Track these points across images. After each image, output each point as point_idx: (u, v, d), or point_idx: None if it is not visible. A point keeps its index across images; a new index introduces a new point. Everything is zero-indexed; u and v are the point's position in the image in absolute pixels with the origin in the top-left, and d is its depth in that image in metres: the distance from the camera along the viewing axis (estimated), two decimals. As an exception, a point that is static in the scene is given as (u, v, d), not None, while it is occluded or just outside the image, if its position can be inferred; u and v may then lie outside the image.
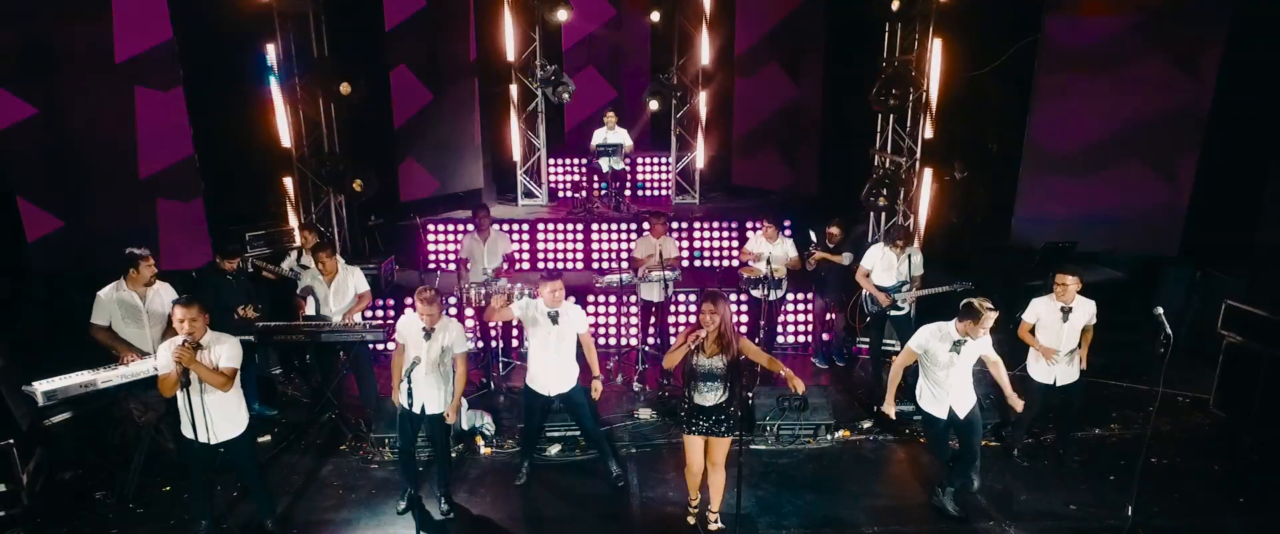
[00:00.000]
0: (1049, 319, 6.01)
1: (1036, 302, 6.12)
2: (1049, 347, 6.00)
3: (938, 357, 5.32)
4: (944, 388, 5.40)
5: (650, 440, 6.82)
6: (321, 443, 6.66)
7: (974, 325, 5.15)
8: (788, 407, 6.80)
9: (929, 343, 5.35)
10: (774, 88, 10.78)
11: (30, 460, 5.50)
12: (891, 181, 8.58)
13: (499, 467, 6.34)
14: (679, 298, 8.62)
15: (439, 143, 10.26)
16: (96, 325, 5.75)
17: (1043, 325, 6.04)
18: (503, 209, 11.15)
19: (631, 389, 7.72)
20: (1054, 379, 6.10)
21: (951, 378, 5.36)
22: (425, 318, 5.23)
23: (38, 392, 5.08)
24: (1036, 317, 6.06)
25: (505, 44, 10.40)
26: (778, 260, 7.83)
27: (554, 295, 5.59)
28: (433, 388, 5.32)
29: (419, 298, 5.24)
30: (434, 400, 5.35)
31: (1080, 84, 8.05)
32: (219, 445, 4.84)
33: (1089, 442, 6.74)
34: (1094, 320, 6.05)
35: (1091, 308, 6.02)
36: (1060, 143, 8.12)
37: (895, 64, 8.42)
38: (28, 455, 5.47)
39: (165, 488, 5.91)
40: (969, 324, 5.17)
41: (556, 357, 5.68)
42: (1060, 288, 5.93)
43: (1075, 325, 5.98)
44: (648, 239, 8.12)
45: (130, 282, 5.84)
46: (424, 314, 5.23)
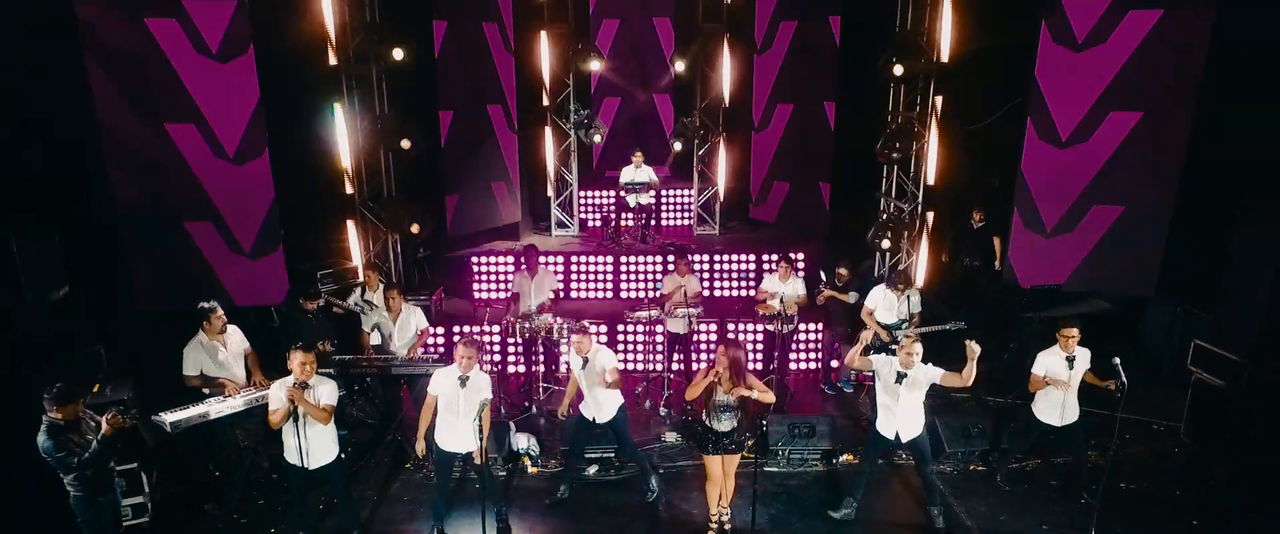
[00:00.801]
0: (1057, 369, 6.63)
1: (1042, 355, 6.69)
2: (1060, 380, 6.57)
3: (887, 381, 6.21)
4: (892, 411, 6.28)
5: (675, 461, 7.72)
6: (388, 461, 7.62)
7: (906, 356, 6.10)
8: (798, 433, 7.68)
9: (880, 365, 6.28)
10: (789, 131, 11.64)
11: (152, 478, 6.51)
12: (895, 225, 9.44)
13: (545, 484, 7.27)
14: (701, 329, 9.50)
15: (481, 181, 11.21)
16: (188, 376, 6.62)
17: (1052, 375, 6.65)
18: (537, 238, 12.10)
19: (658, 413, 8.64)
20: (1058, 420, 6.75)
21: (899, 405, 6.24)
22: (464, 362, 5.89)
23: (166, 422, 6.06)
24: (1045, 368, 6.67)
25: (542, 89, 11.35)
26: (789, 298, 8.71)
27: (581, 344, 6.51)
28: (466, 430, 5.87)
29: (462, 343, 5.96)
30: (468, 441, 5.90)
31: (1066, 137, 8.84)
32: (317, 470, 5.81)
33: (1066, 467, 7.56)
34: (1089, 367, 6.64)
35: (1087, 355, 6.64)
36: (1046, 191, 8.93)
37: (899, 121, 9.29)
38: (149, 474, 6.47)
39: (260, 502, 6.89)
40: (901, 355, 6.13)
41: (593, 390, 6.62)
42: (1064, 340, 6.57)
43: (1078, 371, 6.59)
44: (674, 277, 9.02)
45: (207, 331, 6.73)
46: (463, 358, 5.89)
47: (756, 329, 9.53)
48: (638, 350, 9.75)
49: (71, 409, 5.11)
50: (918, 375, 6.18)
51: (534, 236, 12.16)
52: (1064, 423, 6.77)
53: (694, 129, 11.57)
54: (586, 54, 10.81)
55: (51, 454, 5.05)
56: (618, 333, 9.78)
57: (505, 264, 10.91)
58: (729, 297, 10.91)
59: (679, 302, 8.70)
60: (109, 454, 5.29)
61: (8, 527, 6.26)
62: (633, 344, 9.79)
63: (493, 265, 10.95)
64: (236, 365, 6.75)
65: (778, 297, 8.70)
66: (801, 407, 8.81)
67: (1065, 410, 6.72)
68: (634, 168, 11.53)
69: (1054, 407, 6.74)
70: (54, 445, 5.02)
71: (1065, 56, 8.47)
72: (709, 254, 11.11)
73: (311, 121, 8.90)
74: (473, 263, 10.93)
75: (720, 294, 10.94)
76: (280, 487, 6.92)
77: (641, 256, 11.04)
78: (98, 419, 5.22)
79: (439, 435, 6.09)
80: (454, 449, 6.10)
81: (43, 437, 5.05)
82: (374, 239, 9.69)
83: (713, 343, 9.71)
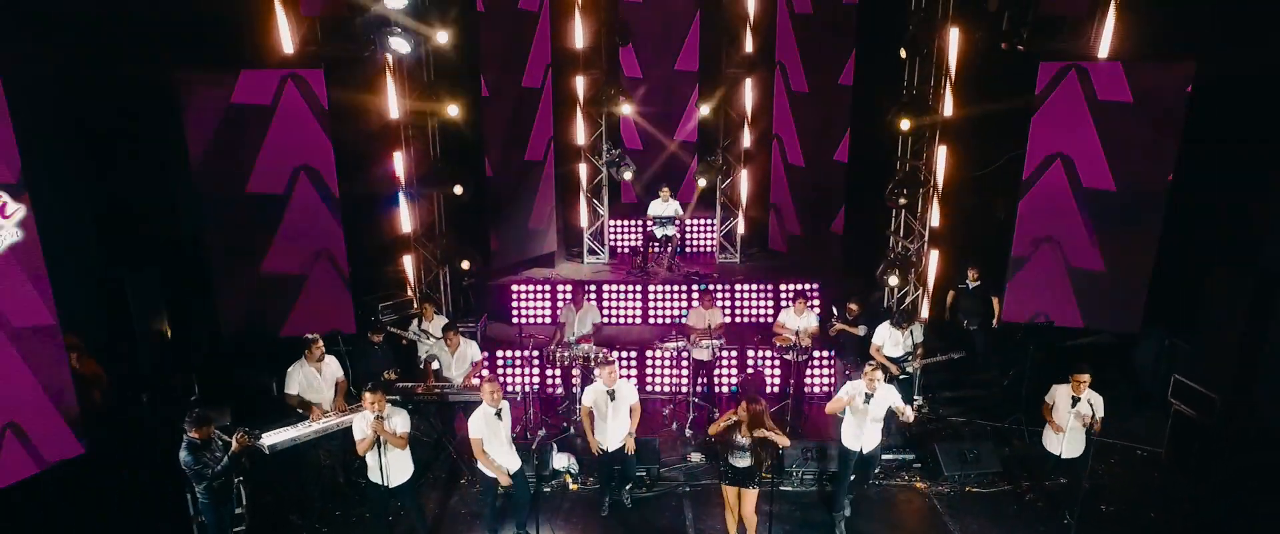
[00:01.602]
0: (1062, 404, 7.47)
1: (1057, 388, 7.55)
2: (1059, 424, 7.48)
3: (857, 403, 7.19)
4: (860, 428, 7.27)
5: (700, 480, 8.62)
6: (444, 478, 8.59)
7: (869, 381, 7.13)
8: (810, 456, 8.57)
9: (849, 390, 7.27)
10: (806, 169, 12.52)
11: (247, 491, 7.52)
12: (902, 263, 10.28)
13: (584, 499, 8.21)
14: (723, 356, 10.39)
15: (520, 215, 12.17)
16: (288, 394, 7.68)
17: (1057, 408, 7.51)
18: (570, 266, 13.09)
19: (684, 434, 9.54)
20: (1064, 453, 7.54)
21: (866, 422, 7.25)
22: (490, 396, 6.79)
23: (264, 444, 7.05)
24: (1054, 400, 7.56)
25: (577, 132, 12.31)
26: (804, 331, 9.59)
27: (610, 376, 7.38)
28: (512, 454, 7.02)
29: (485, 381, 6.92)
30: (515, 461, 7.04)
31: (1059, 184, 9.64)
32: (395, 487, 6.79)
33: (1055, 489, 8.36)
34: (1102, 411, 7.25)
35: (1100, 401, 7.31)
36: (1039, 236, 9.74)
37: (907, 168, 10.13)
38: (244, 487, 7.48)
39: (337, 513, 7.89)
40: (865, 382, 7.14)
41: (616, 420, 7.43)
42: (1076, 383, 7.36)
43: (1088, 413, 7.23)
44: (699, 311, 9.92)
45: (307, 358, 7.77)
46: (489, 392, 6.79)
47: (773, 357, 10.41)
48: (666, 375, 10.66)
49: (206, 430, 6.13)
50: (882, 394, 7.20)
51: (566, 264, 13.15)
52: (1069, 456, 7.52)
53: (717, 167, 12.47)
54: (618, 98, 11.73)
55: (190, 467, 6.07)
56: (646, 358, 10.70)
57: (542, 291, 11.88)
58: (748, 322, 11.78)
59: (703, 333, 9.61)
60: (234, 468, 6.31)
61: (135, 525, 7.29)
62: (661, 370, 10.69)
63: (530, 293, 11.92)
64: (328, 391, 7.73)
65: (793, 331, 9.59)
66: (813, 431, 9.66)
67: (1065, 443, 7.48)
68: (662, 201, 12.45)
69: (1059, 439, 7.52)
70: (192, 460, 6.04)
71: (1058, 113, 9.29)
72: (730, 283, 12.01)
73: (374, 168, 9.87)
74: (512, 290, 11.91)
75: (740, 321, 11.82)
76: (354, 499, 7.92)
77: (668, 286, 11.96)
78: (225, 438, 6.24)
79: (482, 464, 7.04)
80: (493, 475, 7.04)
81: (184, 452, 6.08)
82: (427, 271, 10.67)
83: (734, 369, 10.63)
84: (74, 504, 7.39)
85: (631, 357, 10.76)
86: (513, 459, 7.03)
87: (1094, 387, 7.37)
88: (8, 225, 6.93)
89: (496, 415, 6.86)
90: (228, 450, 6.22)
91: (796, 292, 10.18)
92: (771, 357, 10.47)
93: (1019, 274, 9.93)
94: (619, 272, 12.68)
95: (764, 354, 10.60)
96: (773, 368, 10.56)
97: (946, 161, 9.77)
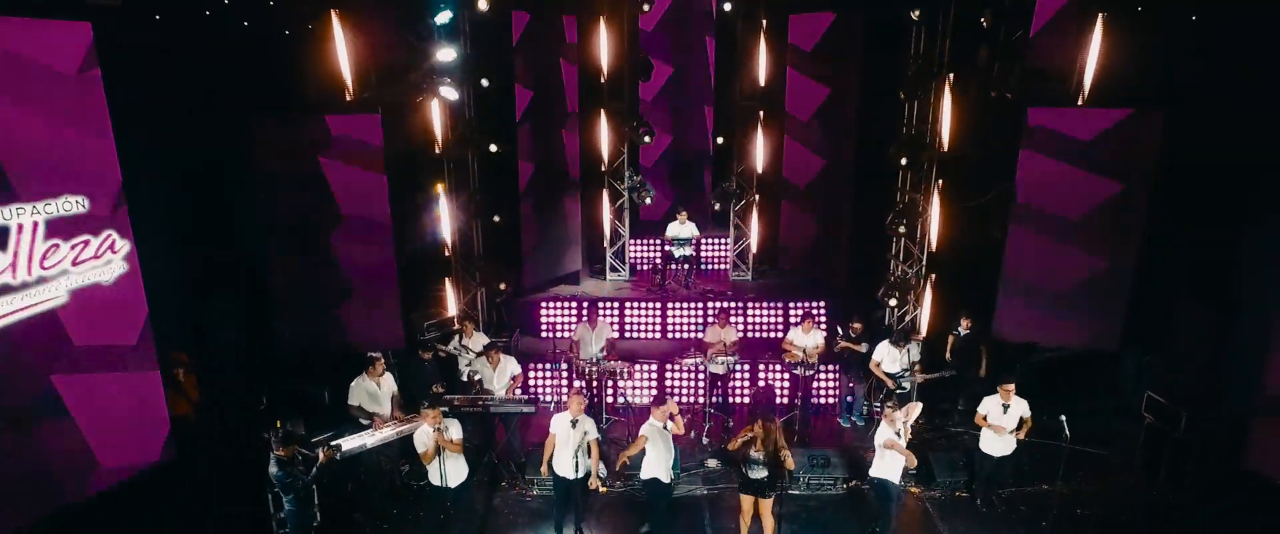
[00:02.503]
0: (995, 411, 8.59)
1: (987, 399, 8.69)
2: (998, 425, 8.58)
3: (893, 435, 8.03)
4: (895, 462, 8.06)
5: (717, 483, 9.57)
6: (487, 481, 9.56)
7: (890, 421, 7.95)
8: (816, 463, 9.51)
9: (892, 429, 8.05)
10: (813, 193, 13.46)
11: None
12: (902, 286, 11.21)
13: (612, 501, 9.17)
14: (737, 371, 11.33)
15: (549, 237, 13.17)
16: (351, 405, 8.69)
17: (991, 416, 8.63)
18: (592, 282, 14.06)
19: (701, 442, 10.49)
20: (995, 452, 8.68)
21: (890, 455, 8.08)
22: (576, 407, 7.84)
23: (341, 450, 8.03)
24: (987, 410, 8.66)
25: (602, 157, 13.28)
26: (810, 349, 10.53)
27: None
28: (572, 461, 7.94)
29: (574, 394, 7.98)
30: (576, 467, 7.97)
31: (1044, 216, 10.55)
32: (453, 488, 7.77)
33: (1037, 494, 9.27)
34: (1028, 414, 8.54)
35: (1025, 405, 8.54)
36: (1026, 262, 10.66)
37: (906, 200, 11.06)
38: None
39: (394, 511, 8.87)
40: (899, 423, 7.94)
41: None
42: (1004, 392, 8.52)
43: (1012, 415, 8.51)
44: (715, 329, 10.88)
45: (369, 374, 8.77)
46: (575, 404, 7.85)
47: (783, 371, 11.35)
48: (686, 386, 11.62)
49: (291, 448, 7.11)
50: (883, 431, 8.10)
51: (590, 280, 14.12)
52: (1002, 454, 8.65)
53: (731, 192, 13.43)
54: (639, 131, 12.70)
55: (280, 481, 7.06)
56: (666, 371, 11.65)
57: (568, 307, 12.86)
58: (760, 338, 12.72)
59: (719, 350, 10.57)
60: (319, 478, 7.30)
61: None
62: (680, 382, 11.65)
63: (557, 308, 12.90)
64: (386, 403, 8.73)
65: (801, 348, 10.53)
66: (819, 440, 10.59)
67: (1001, 444, 8.59)
68: (679, 224, 13.41)
69: (994, 441, 8.60)
70: (283, 474, 7.03)
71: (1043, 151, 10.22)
72: (743, 301, 12.96)
73: (420, 199, 10.86)
74: (541, 306, 12.89)
75: (753, 336, 12.76)
76: (409, 500, 8.91)
77: (685, 303, 12.92)
78: (306, 452, 7.23)
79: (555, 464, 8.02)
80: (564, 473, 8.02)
81: (273, 467, 7.06)
82: (465, 291, 11.66)
83: (748, 380, 11.58)
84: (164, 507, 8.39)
85: (652, 368, 11.72)
86: (570, 466, 7.96)
87: (1078, 398, 8.38)
88: (116, 259, 7.93)
89: (572, 424, 7.81)
90: (313, 463, 7.21)
91: (804, 312, 11.13)
92: (781, 370, 11.41)
93: (1010, 296, 10.86)
94: (639, 288, 13.65)
95: (774, 367, 11.54)
96: (783, 381, 11.49)
97: (941, 193, 10.70)
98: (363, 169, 10.00)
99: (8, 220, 7.07)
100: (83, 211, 7.63)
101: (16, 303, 7.24)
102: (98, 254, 7.79)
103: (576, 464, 7.94)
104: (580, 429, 7.92)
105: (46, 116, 7.24)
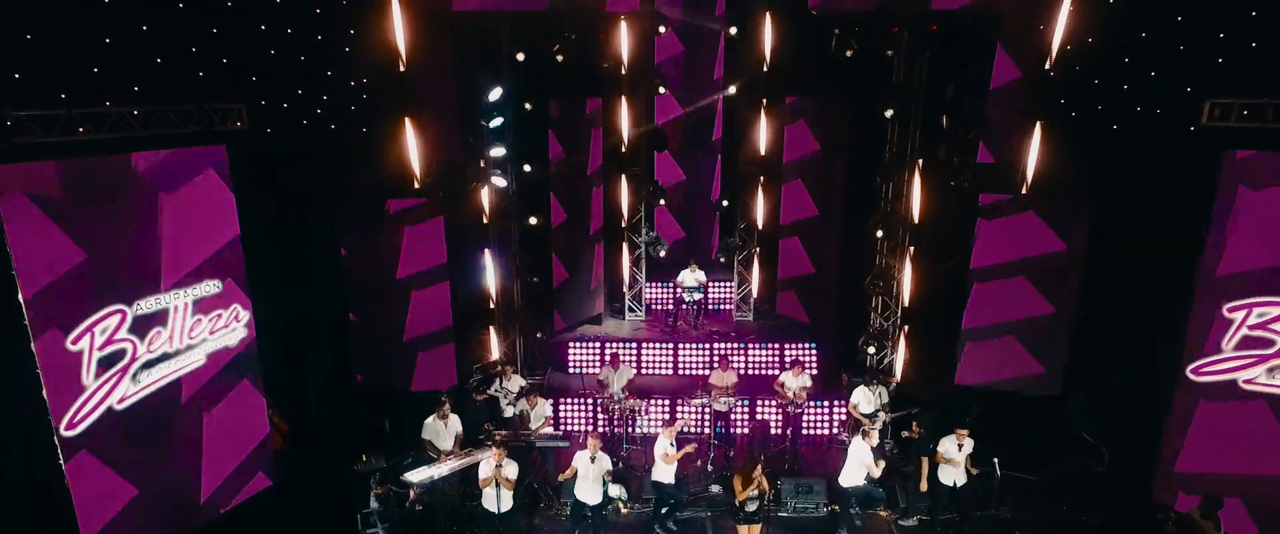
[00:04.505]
0: (950, 449, 10.45)
1: (944, 439, 10.53)
2: (952, 459, 10.46)
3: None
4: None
5: (718, 506, 11.51)
6: (527, 503, 11.53)
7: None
8: (801, 490, 11.44)
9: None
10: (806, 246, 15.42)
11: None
12: (879, 336, 13.14)
13: (631, 521, 11.14)
14: (736, 409, 13.26)
15: (577, 286, 15.18)
16: (424, 438, 10.70)
17: (947, 453, 10.51)
18: (614, 323, 16.04)
19: (707, 471, 12.44)
20: (954, 482, 10.55)
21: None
22: (593, 446, 9.81)
23: (411, 482, 10.04)
24: (944, 448, 10.53)
25: (622, 215, 15.26)
26: (798, 390, 12.46)
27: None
28: (596, 490, 9.96)
29: (592, 436, 9.95)
30: (595, 495, 10.00)
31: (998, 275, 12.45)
32: (503, 513, 9.77)
33: (985, 518, 11.13)
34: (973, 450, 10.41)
35: (971, 444, 10.41)
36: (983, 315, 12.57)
37: (882, 264, 12.98)
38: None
39: (454, 528, 10.87)
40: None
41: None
42: (959, 435, 10.37)
43: (964, 453, 10.36)
44: (718, 372, 12.84)
45: (437, 415, 10.78)
46: (592, 444, 9.78)
47: (777, 407, 13.28)
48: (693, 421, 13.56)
49: (386, 488, 9.14)
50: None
51: (611, 320, 16.11)
52: (958, 485, 10.48)
53: (735, 245, 15.41)
54: (655, 194, 14.68)
55: (380, 515, 9.08)
56: (677, 407, 13.61)
57: (592, 346, 14.84)
58: (758, 375, 14.65)
59: (722, 391, 12.53)
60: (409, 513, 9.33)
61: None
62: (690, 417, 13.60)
63: (583, 348, 14.89)
64: (451, 440, 10.72)
65: (791, 390, 12.48)
66: (807, 468, 12.49)
67: (956, 476, 10.43)
68: (690, 272, 15.37)
69: (949, 474, 10.44)
70: (383, 509, 9.06)
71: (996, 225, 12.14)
72: (745, 340, 14.90)
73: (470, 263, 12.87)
74: (569, 346, 14.90)
75: (752, 373, 14.69)
76: (468, 520, 10.91)
77: (694, 343, 14.88)
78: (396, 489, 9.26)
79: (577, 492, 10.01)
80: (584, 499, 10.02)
81: (374, 502, 9.09)
82: (506, 336, 13.68)
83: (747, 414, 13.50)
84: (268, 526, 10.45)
85: (665, 404, 13.69)
86: (595, 494, 9.94)
87: (1029, 436, 10.26)
88: (238, 326, 10.00)
89: (591, 460, 9.79)
90: (405, 502, 9.24)
91: (793, 359, 13.06)
92: (776, 407, 13.34)
93: (971, 344, 12.77)
94: (654, 328, 15.62)
95: (769, 404, 13.47)
96: (777, 416, 13.43)
97: (913, 258, 12.61)
98: (425, 239, 12.05)
99: (168, 304, 9.13)
100: (217, 292, 9.69)
101: (172, 366, 9.31)
102: (227, 324, 9.86)
103: (596, 492, 9.88)
104: (599, 464, 9.84)
105: (196, 222, 9.31)
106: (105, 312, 8.52)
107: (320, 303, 12.15)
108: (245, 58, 10.35)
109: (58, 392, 8.17)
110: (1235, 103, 9.10)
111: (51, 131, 7.86)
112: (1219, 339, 9.78)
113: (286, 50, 10.79)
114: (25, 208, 7.68)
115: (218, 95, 9.51)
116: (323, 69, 11.28)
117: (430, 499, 10.89)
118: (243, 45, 10.31)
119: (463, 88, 11.63)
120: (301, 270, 11.83)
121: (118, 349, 8.71)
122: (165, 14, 9.51)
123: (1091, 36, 10.90)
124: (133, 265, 8.79)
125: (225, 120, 9.45)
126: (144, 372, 9.01)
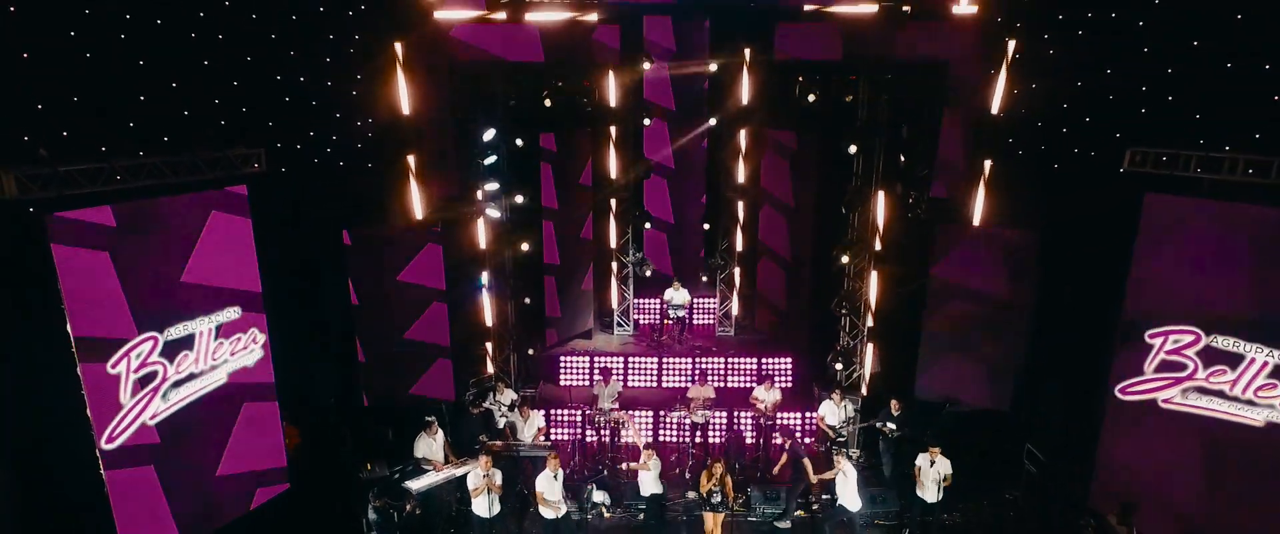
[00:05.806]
0: (924, 465, 11.42)
1: (920, 456, 11.47)
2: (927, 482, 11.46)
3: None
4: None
5: (694, 512, 12.54)
6: (517, 508, 12.58)
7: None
8: (769, 497, 12.47)
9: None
10: (785, 271, 16.45)
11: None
12: (847, 353, 14.17)
13: (615, 527, 12.18)
14: (714, 421, 14.30)
15: (569, 305, 16.24)
16: (417, 455, 11.70)
17: (922, 470, 11.46)
18: (603, 337, 17.09)
19: (685, 477, 13.48)
20: (928, 499, 11.54)
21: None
22: (552, 464, 10.82)
23: (413, 489, 11.10)
24: (918, 466, 11.49)
25: (609, 239, 16.31)
26: (770, 403, 13.50)
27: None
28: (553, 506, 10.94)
29: (551, 457, 10.97)
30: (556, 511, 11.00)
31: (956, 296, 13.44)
32: (492, 518, 10.83)
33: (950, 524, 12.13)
34: (950, 470, 11.30)
35: (948, 464, 11.32)
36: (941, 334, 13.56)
37: (848, 287, 14.01)
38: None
39: (450, 530, 11.93)
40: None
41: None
42: (932, 452, 11.34)
43: (939, 471, 11.26)
44: (696, 388, 13.88)
45: (427, 432, 11.78)
46: (552, 462, 10.81)
47: (752, 419, 14.31)
48: (672, 432, 14.62)
49: (386, 501, 10.21)
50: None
51: (600, 335, 17.16)
52: (930, 502, 11.49)
53: (716, 265, 16.46)
54: (641, 218, 15.74)
55: (378, 525, 10.15)
56: (660, 418, 14.65)
57: (582, 360, 15.87)
58: (735, 388, 15.67)
59: (699, 405, 13.58)
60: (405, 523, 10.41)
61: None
62: (670, 429, 14.65)
63: (573, 361, 15.93)
64: (440, 452, 11.78)
65: (764, 403, 13.52)
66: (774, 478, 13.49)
67: (929, 493, 11.44)
68: (674, 290, 16.41)
69: (926, 488, 11.43)
70: (381, 520, 10.12)
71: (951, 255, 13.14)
72: (725, 355, 15.93)
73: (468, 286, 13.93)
74: (561, 360, 15.95)
75: (731, 386, 15.72)
76: (462, 524, 11.97)
77: (678, 357, 15.92)
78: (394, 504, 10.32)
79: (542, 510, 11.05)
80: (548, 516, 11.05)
81: (374, 515, 10.16)
82: (501, 352, 14.74)
83: (725, 424, 14.53)
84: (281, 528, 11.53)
85: (649, 415, 14.73)
86: (551, 511, 10.97)
87: (985, 447, 11.37)
88: (256, 348, 11.07)
89: (553, 477, 10.84)
90: (402, 512, 10.31)
91: (765, 374, 14.11)
92: (750, 418, 14.37)
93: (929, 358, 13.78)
94: (640, 343, 16.66)
95: (745, 416, 14.50)
96: (750, 428, 14.46)
97: (878, 282, 13.63)
98: (426, 266, 13.08)
99: (194, 329, 10.20)
100: (237, 317, 10.76)
101: (197, 385, 10.38)
102: (246, 346, 10.94)
103: (557, 507, 10.92)
104: (559, 481, 10.89)
105: (219, 254, 10.38)
106: (140, 338, 9.59)
107: (330, 325, 13.21)
108: (263, 105, 11.44)
109: (98, 410, 9.24)
110: (1152, 152, 10.13)
111: (96, 182, 8.94)
112: (1141, 362, 10.78)
113: (299, 97, 11.90)
114: (74, 250, 8.77)
115: (238, 140, 10.59)
116: (332, 113, 12.37)
117: (427, 507, 11.98)
118: (260, 94, 11.41)
119: (459, 127, 12.70)
120: (312, 296, 12.90)
121: (150, 371, 9.78)
122: (192, 70, 10.61)
123: (1034, 83, 11.93)
124: (164, 296, 9.86)
125: (246, 163, 10.53)
126: (173, 390, 10.07)
